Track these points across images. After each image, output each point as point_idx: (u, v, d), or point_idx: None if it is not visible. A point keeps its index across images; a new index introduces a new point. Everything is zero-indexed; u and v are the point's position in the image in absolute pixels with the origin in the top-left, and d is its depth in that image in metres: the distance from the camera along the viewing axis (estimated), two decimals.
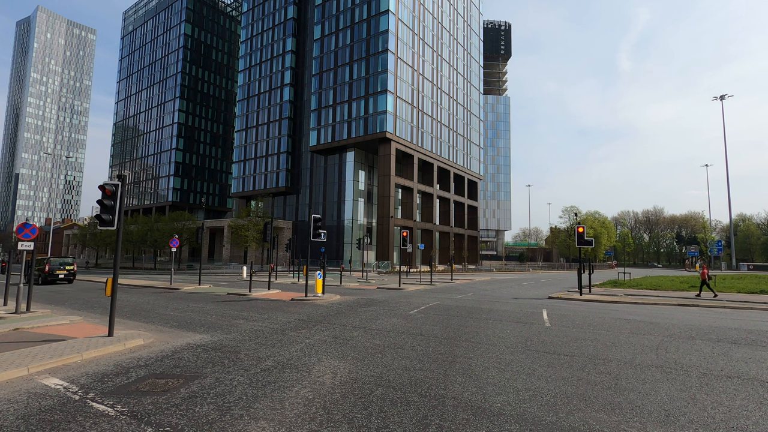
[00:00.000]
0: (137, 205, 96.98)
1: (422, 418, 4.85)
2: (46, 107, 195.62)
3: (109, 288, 9.23)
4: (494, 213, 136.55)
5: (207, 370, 6.78)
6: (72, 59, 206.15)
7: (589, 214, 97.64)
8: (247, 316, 12.92)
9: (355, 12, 60.81)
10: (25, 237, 12.76)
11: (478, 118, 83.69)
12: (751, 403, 5.51)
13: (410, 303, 17.18)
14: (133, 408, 5.11)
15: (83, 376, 6.52)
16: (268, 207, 67.75)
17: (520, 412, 5.08)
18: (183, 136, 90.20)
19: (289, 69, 70.10)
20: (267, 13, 75.30)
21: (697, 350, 8.68)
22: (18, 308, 12.64)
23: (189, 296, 19.39)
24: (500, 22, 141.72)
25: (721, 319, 13.29)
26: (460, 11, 78.55)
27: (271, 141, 71.63)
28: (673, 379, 6.53)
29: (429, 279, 33.63)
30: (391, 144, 56.16)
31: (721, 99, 76.27)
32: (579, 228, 21.25)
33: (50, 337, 9.26)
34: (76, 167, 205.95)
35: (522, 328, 11.36)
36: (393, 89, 56.77)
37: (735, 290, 23.05)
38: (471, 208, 79.45)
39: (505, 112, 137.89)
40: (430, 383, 6.20)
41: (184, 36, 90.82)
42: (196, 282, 27.44)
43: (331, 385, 6.08)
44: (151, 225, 61.72)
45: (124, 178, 9.64)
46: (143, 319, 12.26)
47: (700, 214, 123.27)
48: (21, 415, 4.90)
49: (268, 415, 4.91)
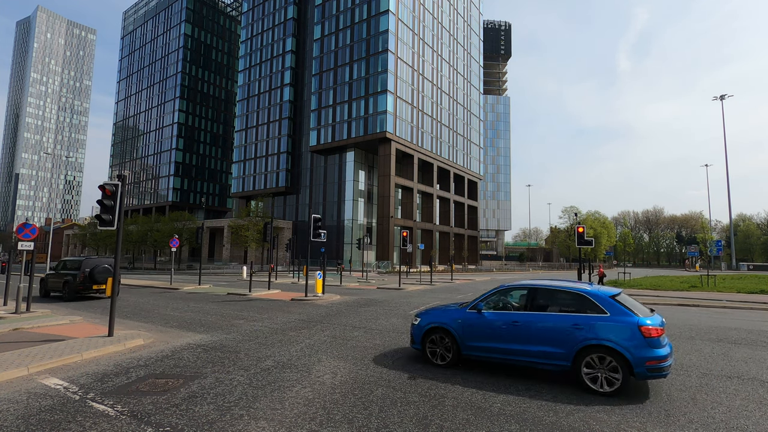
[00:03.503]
0: (137, 205, 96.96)
1: (422, 418, 4.86)
2: (46, 107, 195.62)
3: (109, 288, 9.23)
4: (494, 213, 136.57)
5: (207, 370, 6.78)
6: (72, 59, 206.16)
7: (589, 214, 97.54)
8: (247, 316, 12.92)
9: (355, 12, 60.82)
10: (25, 237, 12.76)
11: (478, 118, 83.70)
12: (751, 403, 5.52)
13: (410, 303, 17.18)
14: (133, 408, 5.11)
15: (83, 376, 6.52)
16: (268, 207, 67.73)
17: (520, 412, 5.08)
18: (183, 136, 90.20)
19: (289, 69, 70.11)
20: (267, 13, 75.32)
21: (697, 350, 8.68)
22: (18, 308, 12.64)
23: (189, 296, 19.39)
24: (500, 22, 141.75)
25: (721, 319, 13.30)
26: (460, 11, 78.55)
27: (271, 141, 71.64)
28: (673, 379, 6.53)
29: (429, 279, 33.63)
30: (391, 144, 56.17)
31: (721, 99, 76.27)
32: (579, 228, 21.25)
33: (50, 337, 9.26)
34: (76, 167, 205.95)
35: None
36: (393, 89, 56.78)
37: (735, 290, 23.05)
38: (471, 208, 79.46)
39: (505, 112, 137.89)
40: (431, 383, 6.21)
41: (184, 36, 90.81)
42: (196, 282, 27.44)
43: (331, 385, 6.08)
44: (151, 225, 61.70)
45: (124, 178, 9.64)
46: (143, 319, 12.26)
47: (699, 214, 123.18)
48: (21, 415, 4.90)
49: (268, 415, 4.91)
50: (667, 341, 6.01)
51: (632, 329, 5.75)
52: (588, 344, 5.90)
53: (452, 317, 7.27)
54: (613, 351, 5.75)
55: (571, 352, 6.01)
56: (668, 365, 5.71)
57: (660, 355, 5.63)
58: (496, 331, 6.70)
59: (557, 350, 6.14)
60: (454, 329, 7.09)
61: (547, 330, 6.28)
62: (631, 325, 5.78)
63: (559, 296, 6.62)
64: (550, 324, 6.29)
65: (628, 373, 5.66)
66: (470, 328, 6.96)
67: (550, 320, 6.33)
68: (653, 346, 5.67)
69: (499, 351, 6.63)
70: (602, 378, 5.80)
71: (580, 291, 6.42)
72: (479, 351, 6.84)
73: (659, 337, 5.76)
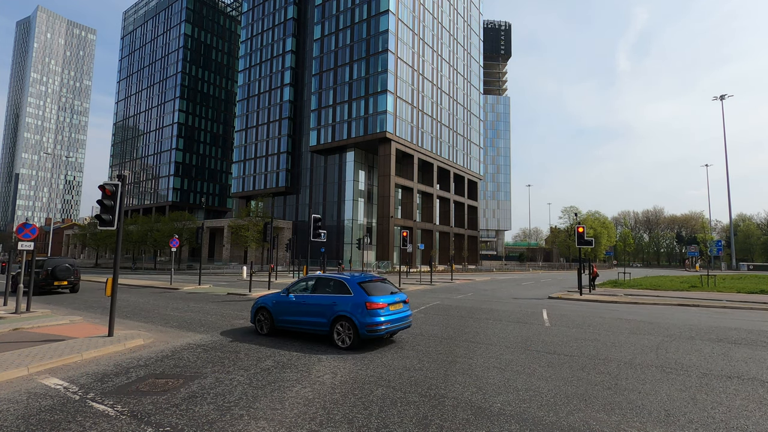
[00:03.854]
0: (137, 205, 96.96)
1: (422, 418, 4.86)
2: (46, 107, 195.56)
3: (109, 288, 9.23)
4: (494, 213, 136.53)
5: (207, 370, 6.78)
6: (72, 59, 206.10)
7: (589, 214, 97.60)
8: (247, 316, 12.91)
9: (355, 12, 60.81)
10: (25, 237, 12.76)
11: (478, 118, 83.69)
12: (751, 403, 5.52)
13: (410, 303, 17.17)
14: (133, 408, 5.11)
15: (83, 376, 6.52)
16: (268, 207, 67.71)
17: (520, 412, 5.08)
18: (183, 136, 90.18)
19: (289, 69, 70.10)
20: (267, 13, 75.30)
21: (697, 350, 8.68)
22: (18, 308, 12.65)
23: (189, 296, 19.39)
24: (500, 22, 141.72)
25: (721, 319, 13.30)
26: (460, 11, 78.54)
27: (271, 141, 71.63)
28: (673, 379, 6.53)
29: (429, 279, 33.63)
30: (391, 144, 56.16)
31: (721, 99, 76.28)
32: (579, 228, 21.25)
33: (50, 337, 9.26)
34: (76, 167, 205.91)
35: (522, 328, 11.36)
36: (393, 89, 56.77)
37: (735, 290, 23.05)
38: (471, 208, 79.45)
39: (505, 112, 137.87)
40: (430, 383, 6.21)
41: (184, 36, 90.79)
42: (196, 282, 27.43)
43: (331, 385, 6.08)
44: (151, 225, 61.68)
45: (124, 178, 9.64)
46: (143, 319, 12.26)
47: (699, 214, 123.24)
48: (21, 415, 4.90)
49: (268, 415, 4.91)
50: (389, 312, 8.50)
51: (362, 304, 8.31)
52: (338, 315, 8.54)
53: (271, 300, 9.88)
54: (349, 319, 8.36)
55: (329, 320, 8.66)
56: (384, 329, 8.28)
57: (376, 322, 8.22)
58: (293, 309, 9.34)
59: (323, 320, 8.78)
60: (271, 308, 9.75)
61: (318, 306, 8.95)
62: (361, 301, 8.35)
63: (329, 283, 9.21)
64: (321, 302, 8.94)
65: (357, 334, 8.23)
66: (280, 306, 9.61)
67: (321, 300, 8.98)
68: (373, 315, 8.23)
69: (295, 322, 9.31)
70: (345, 337, 8.42)
71: (340, 279, 9.07)
72: (285, 323, 9.50)
73: (379, 309, 8.31)
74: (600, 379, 6.50)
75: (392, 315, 8.55)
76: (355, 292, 8.53)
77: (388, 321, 8.38)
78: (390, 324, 8.43)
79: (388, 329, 8.37)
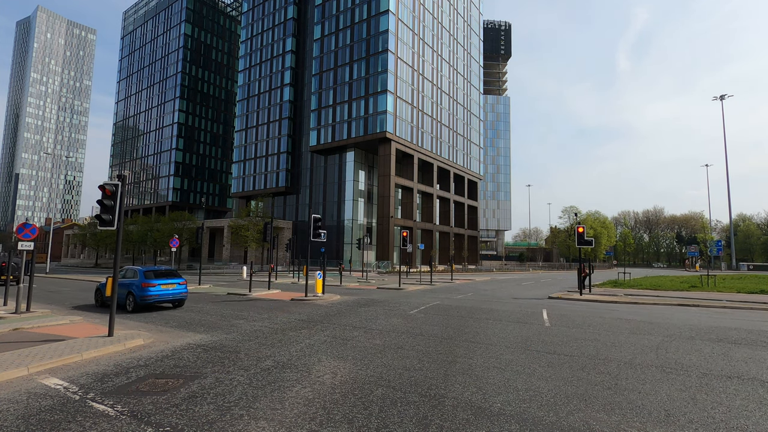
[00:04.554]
0: (137, 205, 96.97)
1: (422, 418, 4.86)
2: (46, 107, 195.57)
3: (109, 288, 9.24)
4: (494, 213, 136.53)
5: (207, 370, 6.78)
6: (72, 59, 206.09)
7: (589, 214, 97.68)
8: (247, 316, 12.93)
9: (355, 12, 60.80)
10: (25, 237, 12.76)
11: (478, 118, 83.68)
12: (751, 403, 5.51)
13: (410, 303, 17.18)
14: (133, 408, 5.11)
15: (83, 376, 6.52)
16: (268, 207, 67.72)
17: (520, 412, 5.08)
18: (183, 136, 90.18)
19: (289, 69, 70.10)
20: (267, 13, 75.30)
21: (697, 350, 8.68)
22: (18, 308, 12.65)
23: (189, 296, 19.39)
24: (500, 22, 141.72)
25: (721, 319, 13.29)
26: (460, 11, 78.54)
27: (271, 141, 71.63)
28: (673, 379, 6.53)
29: (429, 279, 33.63)
30: (391, 144, 56.17)
31: (721, 99, 76.28)
32: (579, 228, 21.25)
33: (50, 337, 9.26)
34: (76, 167, 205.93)
35: (522, 328, 11.36)
36: (393, 89, 56.77)
37: (735, 290, 23.04)
38: (471, 208, 79.44)
39: (505, 112, 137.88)
40: (430, 383, 6.21)
41: (184, 36, 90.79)
42: (196, 282, 27.42)
43: (331, 385, 6.08)
44: (151, 225, 61.69)
45: (124, 178, 9.64)
46: (143, 320, 12.27)
47: (700, 214, 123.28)
48: (21, 415, 4.90)
49: (268, 415, 4.91)
50: (160, 290, 13.99)
51: (139, 284, 13.75)
52: (129, 290, 13.86)
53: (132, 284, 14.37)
54: (132, 293, 13.75)
55: (128, 293, 13.90)
56: (152, 300, 13.77)
57: (147, 295, 13.67)
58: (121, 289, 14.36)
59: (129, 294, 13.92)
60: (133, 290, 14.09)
61: (127, 286, 14.06)
62: (140, 282, 13.79)
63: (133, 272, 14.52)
64: (129, 283, 14.11)
65: (136, 302, 13.64)
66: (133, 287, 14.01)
67: (130, 282, 14.12)
68: (144, 292, 13.64)
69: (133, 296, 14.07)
70: (131, 304, 13.79)
71: (136, 269, 14.50)
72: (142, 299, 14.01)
73: (149, 288, 13.71)
74: (600, 379, 6.50)
75: (163, 291, 14.05)
76: (140, 277, 13.97)
77: (157, 296, 13.85)
78: (159, 296, 13.91)
79: (156, 299, 13.86)
